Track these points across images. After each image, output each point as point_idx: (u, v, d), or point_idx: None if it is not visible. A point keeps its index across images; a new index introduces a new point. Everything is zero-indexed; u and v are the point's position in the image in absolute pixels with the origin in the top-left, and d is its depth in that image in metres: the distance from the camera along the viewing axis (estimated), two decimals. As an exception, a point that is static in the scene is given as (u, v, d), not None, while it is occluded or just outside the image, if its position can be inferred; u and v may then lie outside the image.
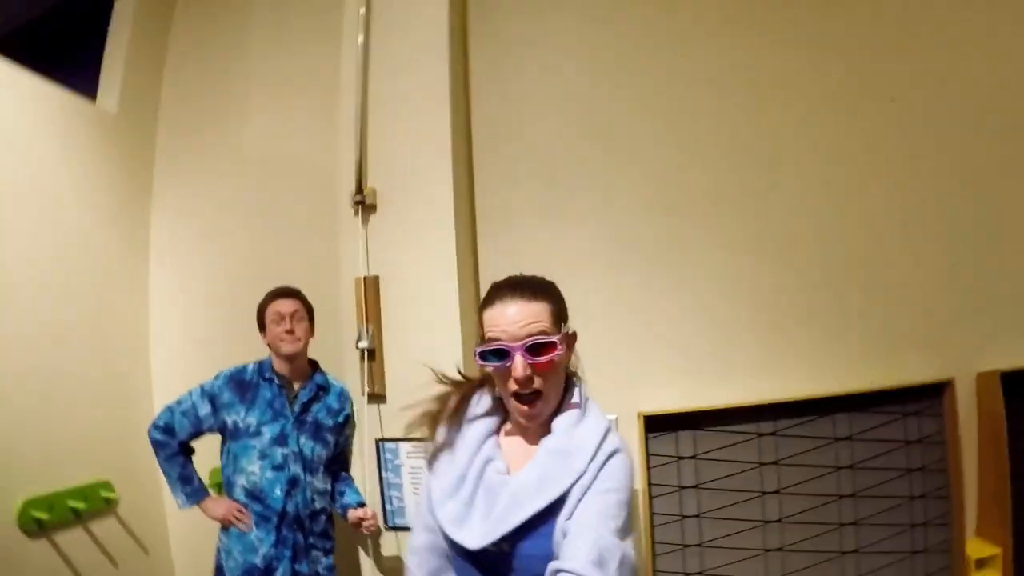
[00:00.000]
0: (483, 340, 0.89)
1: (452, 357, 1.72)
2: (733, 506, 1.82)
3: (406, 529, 1.77)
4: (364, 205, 1.78)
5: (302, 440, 1.65)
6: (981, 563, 1.71)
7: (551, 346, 0.85)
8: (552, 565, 0.77)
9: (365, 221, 1.80)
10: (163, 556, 2.31)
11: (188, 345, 2.26)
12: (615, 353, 1.85)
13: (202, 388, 1.68)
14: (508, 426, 0.96)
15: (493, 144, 1.97)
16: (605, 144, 1.93)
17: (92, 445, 2.05)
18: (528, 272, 0.96)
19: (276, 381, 1.66)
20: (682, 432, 1.81)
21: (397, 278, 1.78)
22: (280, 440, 1.62)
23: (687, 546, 1.82)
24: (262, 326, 1.70)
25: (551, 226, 1.92)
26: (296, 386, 1.69)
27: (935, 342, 1.84)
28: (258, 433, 1.62)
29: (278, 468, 1.61)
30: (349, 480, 1.79)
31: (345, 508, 1.70)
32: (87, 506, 1.95)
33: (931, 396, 1.83)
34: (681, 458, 1.81)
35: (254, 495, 1.61)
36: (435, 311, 1.73)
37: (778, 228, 1.88)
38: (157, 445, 1.65)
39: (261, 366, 1.70)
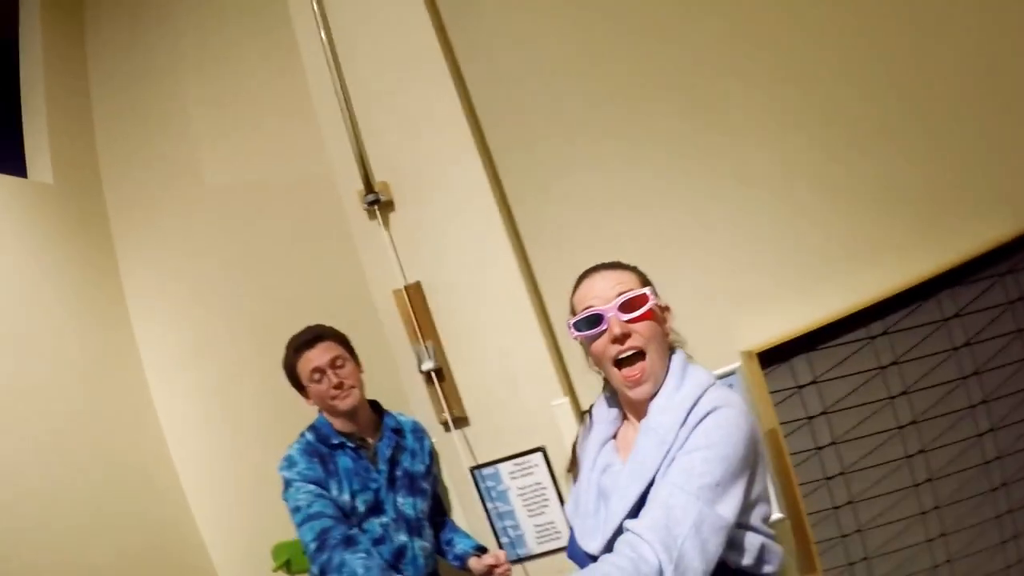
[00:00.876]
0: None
1: (534, 351, 1.50)
2: (865, 422, 1.66)
3: (532, 558, 1.52)
4: (380, 204, 1.51)
5: (400, 500, 1.38)
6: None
7: (642, 298, 0.85)
8: (625, 523, 0.77)
9: (386, 222, 1.53)
10: None
11: (205, 414, 1.94)
12: (699, 298, 1.66)
13: (295, 483, 1.31)
14: (624, 423, 0.93)
15: (498, 103, 1.69)
16: (622, 69, 1.68)
17: (129, 560, 1.70)
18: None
19: (347, 444, 1.38)
20: (795, 359, 1.63)
21: (443, 279, 1.51)
22: (375, 509, 1.35)
23: (829, 478, 1.66)
24: (299, 386, 1.40)
25: (585, 176, 1.67)
26: (371, 441, 1.41)
27: (1011, 196, 1.72)
28: (353, 508, 1.34)
29: (379, 542, 1.34)
30: (452, 524, 1.52)
31: (462, 558, 1.43)
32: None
33: (1019, 250, 1.73)
34: (801, 386, 1.64)
35: None
36: (500, 303, 1.47)
37: (820, 111, 1.70)
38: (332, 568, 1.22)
39: (318, 433, 1.38)
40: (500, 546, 1.53)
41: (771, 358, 1.62)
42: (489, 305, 1.49)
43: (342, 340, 1.41)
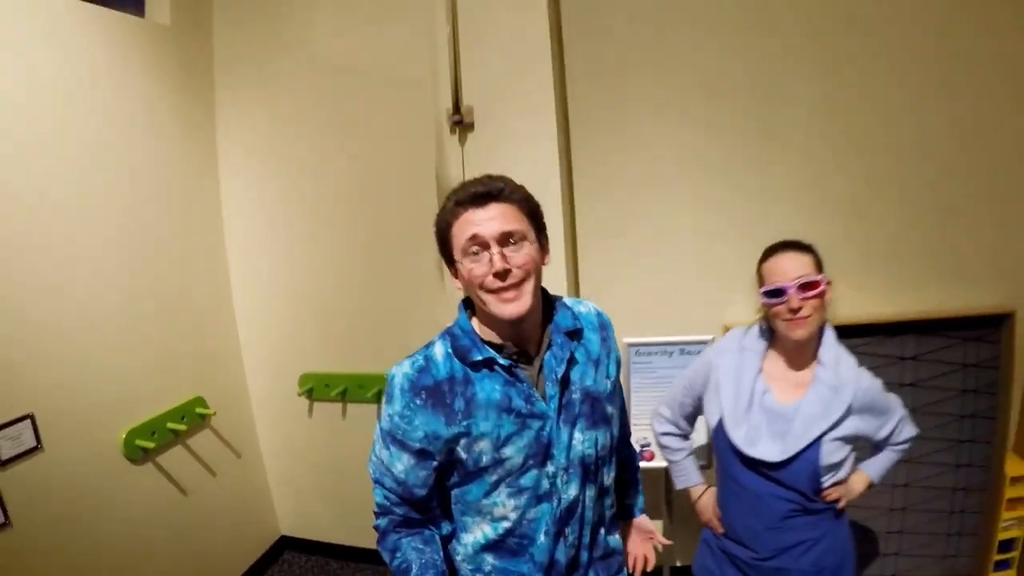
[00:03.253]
0: (763, 285, 1.23)
1: (556, 277, 1.75)
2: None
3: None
4: (463, 125, 1.73)
5: (578, 436, 0.96)
6: (1016, 480, 1.84)
7: (816, 284, 1.16)
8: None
9: (463, 141, 1.75)
10: (255, 460, 2.44)
11: (264, 256, 2.28)
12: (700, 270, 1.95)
13: (381, 431, 0.96)
14: (770, 354, 1.28)
15: (583, 42, 1.85)
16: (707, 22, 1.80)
17: (180, 364, 2.10)
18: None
19: (497, 363, 0.92)
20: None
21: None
22: (540, 455, 0.93)
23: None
24: (449, 258, 0.93)
25: (651, 125, 1.87)
26: (534, 352, 0.96)
27: (1005, 275, 1.87)
28: (498, 461, 0.93)
29: (545, 497, 0.95)
30: (632, 466, 1.19)
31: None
32: (186, 425, 2.02)
33: (992, 325, 1.88)
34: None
35: (507, 547, 0.97)
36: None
37: (855, 137, 1.83)
38: (389, 551, 0.98)
39: (456, 341, 0.93)
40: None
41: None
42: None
43: (532, 208, 0.92)
